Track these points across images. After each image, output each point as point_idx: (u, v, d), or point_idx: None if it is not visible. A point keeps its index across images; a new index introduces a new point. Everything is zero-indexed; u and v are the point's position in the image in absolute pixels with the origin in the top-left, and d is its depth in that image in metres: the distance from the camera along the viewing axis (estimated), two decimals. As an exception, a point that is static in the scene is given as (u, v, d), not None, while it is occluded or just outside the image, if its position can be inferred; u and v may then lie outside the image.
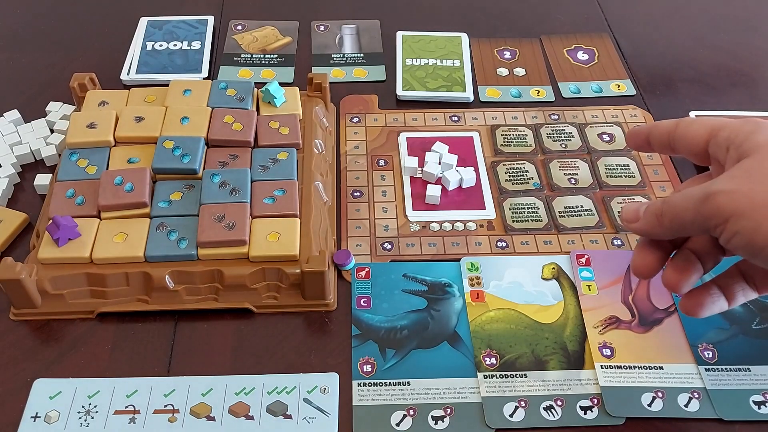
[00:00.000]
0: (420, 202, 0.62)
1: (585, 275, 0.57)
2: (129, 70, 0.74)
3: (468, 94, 0.72)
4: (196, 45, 0.77)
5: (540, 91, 0.74)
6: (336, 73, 0.75)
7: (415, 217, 0.61)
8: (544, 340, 0.53)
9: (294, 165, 0.59)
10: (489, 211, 0.61)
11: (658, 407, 0.49)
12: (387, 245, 0.59)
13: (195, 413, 0.48)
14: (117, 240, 0.53)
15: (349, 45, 0.79)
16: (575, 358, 0.52)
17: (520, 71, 0.76)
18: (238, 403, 0.49)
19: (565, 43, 0.80)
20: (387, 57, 0.77)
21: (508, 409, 0.49)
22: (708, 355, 0.52)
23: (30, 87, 0.72)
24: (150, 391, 0.50)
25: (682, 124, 0.44)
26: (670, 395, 0.50)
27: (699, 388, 0.50)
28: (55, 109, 0.68)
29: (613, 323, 0.54)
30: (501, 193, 0.63)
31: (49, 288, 0.53)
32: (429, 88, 0.72)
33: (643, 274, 0.45)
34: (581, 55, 0.78)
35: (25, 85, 0.73)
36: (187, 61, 0.75)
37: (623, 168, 0.65)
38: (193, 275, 0.53)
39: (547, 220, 0.61)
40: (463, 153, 0.66)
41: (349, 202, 0.62)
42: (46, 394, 0.49)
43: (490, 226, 0.61)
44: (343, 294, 0.56)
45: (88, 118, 0.61)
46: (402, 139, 0.67)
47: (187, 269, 0.53)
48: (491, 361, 0.52)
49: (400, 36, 0.79)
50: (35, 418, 0.48)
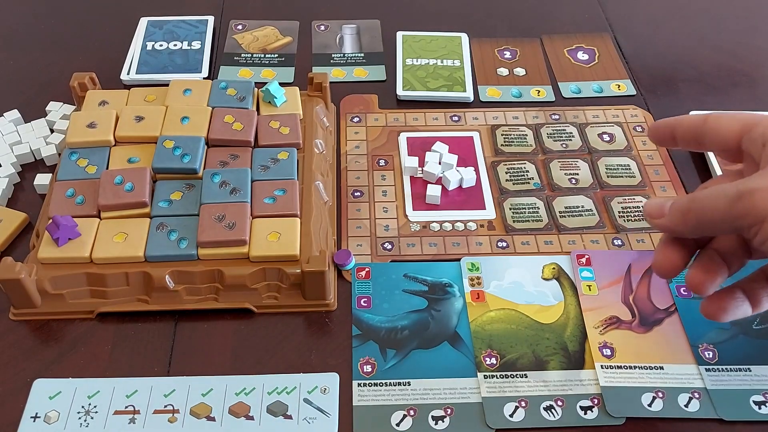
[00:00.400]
0: (420, 202, 0.62)
1: (585, 275, 0.57)
2: (129, 69, 0.74)
3: (468, 94, 0.72)
4: (196, 45, 0.77)
5: (540, 91, 0.73)
6: (336, 72, 0.75)
7: (416, 217, 0.61)
8: (544, 341, 0.53)
9: (294, 165, 0.59)
10: (489, 211, 0.61)
11: (658, 407, 0.49)
12: (387, 245, 0.59)
13: (195, 413, 0.48)
14: (117, 240, 0.53)
15: (349, 45, 0.79)
16: (576, 358, 0.52)
17: (521, 71, 0.76)
18: (238, 404, 0.49)
19: (565, 42, 0.79)
20: (387, 57, 0.77)
21: (508, 409, 0.49)
22: (708, 355, 0.52)
23: (30, 87, 0.72)
24: (150, 391, 0.50)
25: (712, 118, 0.43)
26: (670, 395, 0.50)
27: (699, 388, 0.50)
28: (55, 108, 0.68)
29: (614, 323, 0.54)
30: (501, 193, 0.63)
31: (49, 288, 0.53)
32: (429, 88, 0.72)
33: (666, 272, 0.43)
34: (582, 55, 0.78)
35: (25, 85, 0.73)
36: (188, 60, 0.75)
37: (624, 168, 0.65)
38: (193, 275, 0.53)
39: (547, 220, 0.61)
40: (464, 153, 0.66)
41: (349, 201, 0.62)
42: (46, 394, 0.49)
43: (490, 226, 0.60)
44: (344, 294, 0.56)
45: (88, 117, 0.61)
46: (402, 138, 0.67)
47: (187, 269, 0.53)
48: (492, 361, 0.52)
49: (401, 36, 0.79)
50: (35, 418, 0.48)
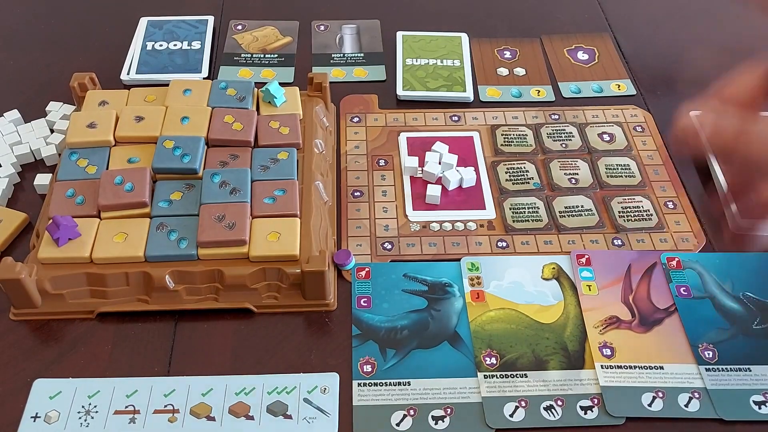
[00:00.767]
0: (420, 201, 0.62)
1: (585, 275, 0.57)
2: (129, 69, 0.74)
3: (468, 93, 0.72)
4: (196, 45, 0.77)
5: (540, 91, 0.73)
6: (336, 72, 0.75)
7: (416, 216, 0.61)
8: (544, 340, 0.53)
9: (294, 165, 0.59)
10: (489, 211, 0.61)
11: (658, 407, 0.49)
12: (387, 245, 0.59)
13: (195, 413, 0.48)
14: (117, 240, 0.53)
15: (349, 45, 0.79)
16: (575, 358, 0.52)
17: (521, 71, 0.76)
18: (238, 403, 0.49)
19: (565, 42, 0.79)
20: (387, 57, 0.77)
21: (508, 409, 0.49)
22: (708, 355, 0.52)
23: (30, 87, 0.72)
24: (150, 391, 0.50)
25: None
26: (670, 395, 0.50)
27: (699, 388, 0.50)
28: (55, 108, 0.68)
29: (614, 323, 0.54)
30: (501, 193, 0.63)
31: (49, 288, 0.53)
32: (429, 88, 0.72)
33: None
34: (581, 55, 0.78)
35: (25, 85, 0.73)
36: (187, 60, 0.75)
37: (623, 168, 0.65)
38: (193, 275, 0.53)
39: (547, 220, 0.61)
40: (464, 153, 0.66)
41: (349, 202, 0.62)
42: (46, 394, 0.49)
43: (490, 226, 0.60)
44: (344, 294, 0.56)
45: (88, 117, 0.61)
46: (402, 138, 0.67)
47: (187, 269, 0.53)
48: (491, 361, 0.52)
49: (401, 36, 0.79)
50: (35, 418, 0.48)
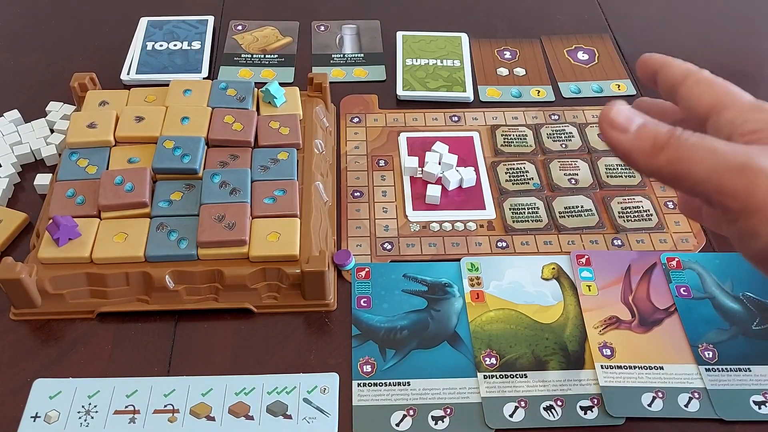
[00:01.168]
0: (420, 202, 0.62)
1: (585, 275, 0.57)
2: (129, 70, 0.74)
3: (468, 94, 0.72)
4: (196, 45, 0.77)
5: (540, 91, 0.74)
6: (336, 73, 0.75)
7: (415, 217, 0.61)
8: (544, 341, 0.53)
9: (294, 165, 0.59)
10: (489, 211, 0.61)
11: (658, 407, 0.49)
12: (387, 245, 0.59)
13: (195, 413, 0.48)
14: (117, 240, 0.53)
15: (349, 45, 0.79)
16: (575, 359, 0.52)
17: (521, 71, 0.76)
18: (238, 403, 0.49)
19: (565, 43, 0.79)
20: (387, 57, 0.77)
21: (508, 409, 0.49)
22: (708, 355, 0.52)
23: (30, 87, 0.72)
24: (150, 391, 0.50)
25: (689, 81, 0.37)
26: (670, 395, 0.50)
27: (699, 388, 0.50)
28: (55, 109, 0.68)
29: (613, 323, 0.54)
30: (501, 193, 0.63)
31: (49, 288, 0.53)
32: (429, 88, 0.72)
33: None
34: (581, 55, 0.78)
35: (25, 85, 0.73)
36: (187, 61, 0.75)
37: (623, 168, 0.65)
38: (193, 275, 0.53)
39: (547, 220, 0.61)
40: (463, 153, 0.66)
41: (349, 202, 0.62)
42: (46, 394, 0.49)
43: (490, 226, 0.61)
44: (343, 294, 0.56)
45: (88, 118, 0.61)
46: (402, 139, 0.67)
47: (187, 269, 0.53)
48: (491, 361, 0.52)
49: (400, 36, 0.79)
50: (35, 418, 0.48)
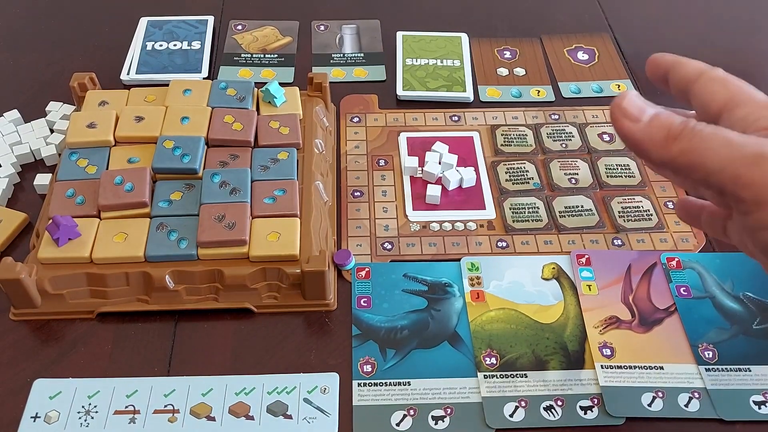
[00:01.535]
0: (420, 202, 0.62)
1: (585, 275, 0.57)
2: (129, 70, 0.74)
3: (468, 94, 0.72)
4: (196, 45, 0.77)
5: (540, 91, 0.74)
6: (336, 72, 0.75)
7: (416, 217, 0.61)
8: (544, 340, 0.53)
9: (294, 165, 0.59)
10: (489, 211, 0.61)
11: (658, 407, 0.49)
12: (387, 245, 0.59)
13: (195, 413, 0.48)
14: (117, 240, 0.53)
15: (349, 45, 0.79)
16: (575, 358, 0.52)
17: (521, 71, 0.76)
18: (238, 403, 0.49)
19: (565, 43, 0.79)
20: (387, 57, 0.77)
21: (508, 409, 0.49)
22: (708, 355, 0.52)
23: (30, 87, 0.72)
24: (150, 391, 0.50)
25: (703, 79, 0.37)
26: (670, 395, 0.50)
27: (699, 388, 0.50)
28: (55, 108, 0.68)
29: (614, 323, 0.54)
30: (501, 193, 0.63)
31: (49, 288, 0.53)
32: (429, 88, 0.72)
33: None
34: (581, 55, 0.78)
35: (25, 85, 0.73)
36: (187, 60, 0.75)
37: (623, 168, 0.65)
38: (193, 275, 0.53)
39: (547, 220, 0.61)
40: (464, 153, 0.66)
41: (349, 202, 0.62)
42: (46, 394, 0.49)
43: (490, 226, 0.60)
44: (343, 294, 0.56)
45: (88, 118, 0.61)
46: (402, 138, 0.67)
47: (187, 269, 0.53)
48: (491, 361, 0.52)
49: (400, 36, 0.79)
50: (35, 418, 0.48)
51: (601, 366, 0.51)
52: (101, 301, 0.54)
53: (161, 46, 0.77)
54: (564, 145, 0.67)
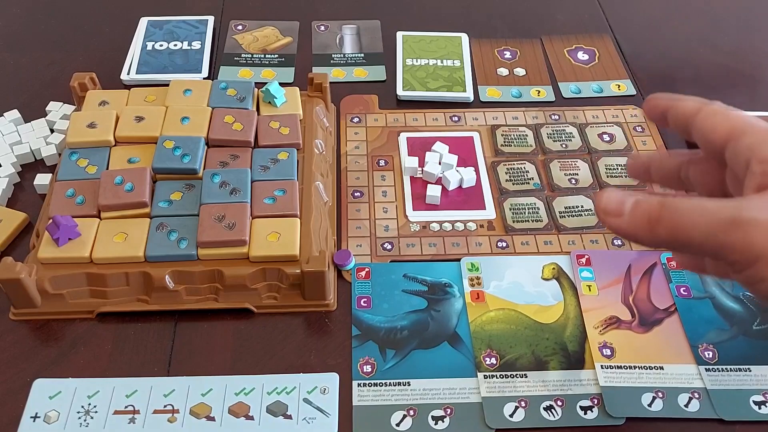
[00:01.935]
0: (420, 202, 0.62)
1: (585, 275, 0.57)
2: (129, 70, 0.74)
3: (468, 94, 0.72)
4: (196, 45, 0.77)
5: (540, 91, 0.74)
6: (336, 73, 0.75)
7: (416, 217, 0.61)
8: (544, 341, 0.53)
9: (294, 165, 0.59)
10: (489, 211, 0.61)
11: (658, 407, 0.49)
12: (387, 245, 0.59)
13: (195, 413, 0.48)
14: (117, 240, 0.53)
15: (349, 45, 0.79)
16: (575, 359, 0.52)
17: (521, 71, 0.76)
18: (238, 404, 0.49)
19: (565, 43, 0.79)
20: (387, 57, 0.77)
21: (508, 409, 0.49)
22: (708, 355, 0.52)
23: (30, 87, 0.72)
24: (150, 391, 0.50)
25: (703, 113, 0.37)
26: (670, 395, 0.50)
27: (699, 388, 0.50)
28: (55, 108, 0.68)
29: (614, 323, 0.54)
30: (501, 193, 0.63)
31: (49, 288, 0.53)
32: (429, 88, 0.72)
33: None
34: (582, 55, 0.78)
35: (25, 85, 0.73)
36: (188, 61, 0.75)
37: (623, 168, 0.65)
38: (193, 275, 0.53)
39: (547, 220, 0.61)
40: (464, 153, 0.66)
41: (349, 202, 0.62)
42: (46, 394, 0.49)
43: (490, 226, 0.60)
44: (343, 294, 0.56)
45: (88, 117, 0.61)
46: (402, 139, 0.67)
47: (187, 269, 0.53)
48: (491, 361, 0.52)
49: (401, 36, 0.79)
50: (35, 418, 0.48)
51: (601, 366, 0.51)
52: (101, 301, 0.54)
53: (161, 46, 0.77)
54: (564, 145, 0.67)
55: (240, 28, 0.81)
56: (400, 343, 0.53)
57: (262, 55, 0.77)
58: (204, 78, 0.73)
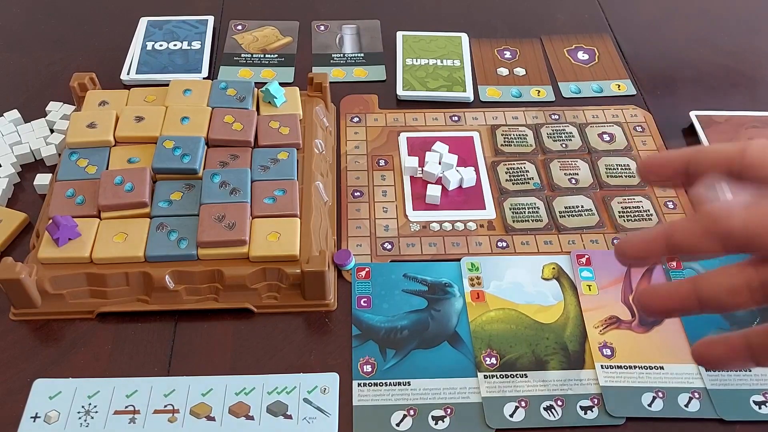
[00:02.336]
0: (420, 202, 0.62)
1: (585, 275, 0.57)
2: (129, 70, 0.74)
3: (468, 94, 0.72)
4: (196, 45, 0.77)
5: (540, 91, 0.73)
6: (336, 73, 0.75)
7: (416, 217, 0.61)
8: (544, 340, 0.53)
9: (294, 165, 0.59)
10: (489, 211, 0.61)
11: (658, 407, 0.49)
12: (387, 245, 0.59)
13: (195, 413, 0.48)
14: (117, 240, 0.53)
15: (349, 45, 0.79)
16: (575, 358, 0.52)
17: (521, 71, 0.76)
18: (238, 403, 0.49)
19: (565, 43, 0.79)
20: (387, 57, 0.77)
21: (508, 409, 0.49)
22: (708, 355, 0.52)
23: (30, 87, 0.72)
24: (150, 391, 0.50)
25: (752, 149, 0.33)
26: (670, 395, 0.50)
27: (699, 388, 0.50)
28: (55, 109, 0.68)
29: (614, 323, 0.54)
30: (501, 193, 0.63)
31: (49, 288, 0.53)
32: (429, 88, 0.72)
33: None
34: (582, 55, 0.78)
35: (25, 85, 0.73)
36: (187, 61, 0.75)
37: (623, 168, 0.65)
38: (193, 275, 0.53)
39: (547, 220, 0.61)
40: (464, 153, 0.66)
41: (349, 202, 0.62)
42: (46, 394, 0.49)
43: (490, 226, 0.60)
44: (343, 294, 0.56)
45: (88, 118, 0.61)
46: (402, 139, 0.67)
47: (187, 269, 0.53)
48: (491, 361, 0.52)
49: (401, 36, 0.79)
50: (35, 418, 0.48)
51: (601, 366, 0.51)
52: (101, 301, 0.54)
53: (161, 46, 0.77)
54: (564, 145, 0.67)
55: (240, 28, 0.81)
56: (400, 343, 0.53)
57: (262, 55, 0.77)
58: (204, 78, 0.73)
